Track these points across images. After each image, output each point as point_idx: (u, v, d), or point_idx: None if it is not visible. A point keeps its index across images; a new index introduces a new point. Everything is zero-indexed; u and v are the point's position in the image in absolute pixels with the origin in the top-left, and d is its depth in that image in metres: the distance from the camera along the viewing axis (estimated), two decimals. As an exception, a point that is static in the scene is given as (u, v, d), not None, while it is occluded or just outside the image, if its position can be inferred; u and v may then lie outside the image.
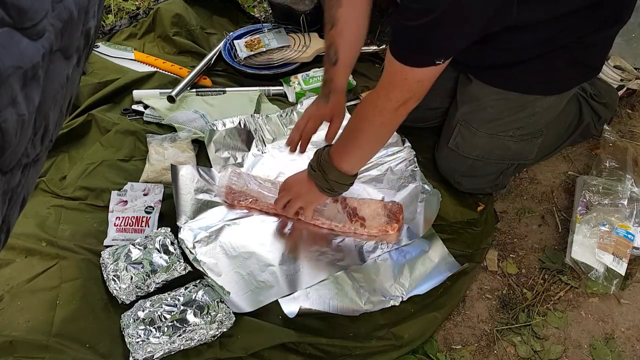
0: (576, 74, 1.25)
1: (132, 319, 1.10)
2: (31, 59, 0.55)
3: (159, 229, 1.26)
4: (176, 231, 1.26)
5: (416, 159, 1.46)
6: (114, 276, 1.16)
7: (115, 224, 1.30)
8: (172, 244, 1.23)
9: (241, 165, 1.46)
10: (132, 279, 1.16)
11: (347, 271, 1.24)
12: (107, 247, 1.24)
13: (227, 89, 1.69)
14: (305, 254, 1.27)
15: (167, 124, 1.56)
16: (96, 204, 1.35)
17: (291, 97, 1.69)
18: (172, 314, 1.10)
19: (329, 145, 1.22)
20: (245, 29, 1.89)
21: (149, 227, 1.30)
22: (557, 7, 1.08)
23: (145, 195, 1.36)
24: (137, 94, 1.63)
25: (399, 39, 1.02)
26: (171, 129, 1.55)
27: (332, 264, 1.25)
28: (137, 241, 1.23)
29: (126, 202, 1.34)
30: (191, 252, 1.23)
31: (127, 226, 1.30)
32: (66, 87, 0.65)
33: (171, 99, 1.59)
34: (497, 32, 1.05)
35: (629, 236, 1.30)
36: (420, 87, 1.05)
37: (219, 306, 1.13)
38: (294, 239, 1.31)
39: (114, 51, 1.81)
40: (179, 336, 1.08)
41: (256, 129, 1.54)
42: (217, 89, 1.68)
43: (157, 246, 1.21)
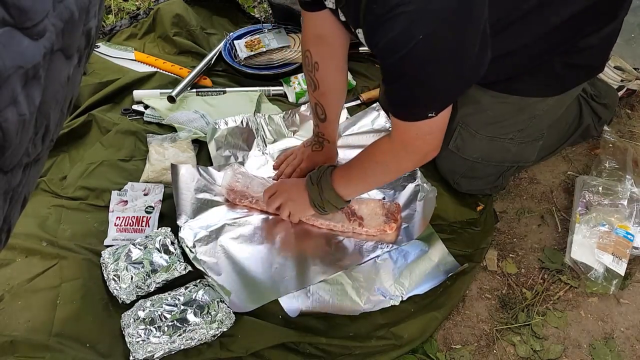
0: (576, 75, 1.25)
1: (132, 319, 1.10)
2: (32, 59, 0.55)
3: (159, 229, 1.27)
4: (176, 231, 1.27)
5: (416, 159, 1.46)
6: (115, 276, 1.16)
7: (115, 223, 1.30)
8: (172, 243, 1.23)
9: (242, 164, 1.46)
10: (132, 278, 1.16)
11: (347, 271, 1.24)
12: (108, 247, 1.24)
13: (227, 89, 1.69)
14: (305, 254, 1.27)
15: (168, 124, 1.56)
16: (96, 203, 1.35)
17: (291, 97, 1.70)
18: (173, 313, 1.11)
19: (333, 165, 1.25)
20: (245, 29, 1.89)
21: (149, 227, 1.30)
22: (540, 27, 1.10)
23: (145, 195, 1.36)
24: (137, 94, 1.63)
25: (389, 99, 1.06)
26: (171, 129, 1.55)
27: (332, 264, 1.25)
28: (137, 241, 1.23)
29: (126, 202, 1.34)
30: (191, 252, 1.23)
31: (127, 226, 1.30)
32: (67, 87, 0.65)
33: (171, 99, 1.59)
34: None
35: (629, 236, 1.30)
36: (434, 139, 1.08)
37: (219, 306, 1.13)
38: (294, 238, 1.31)
39: (114, 51, 1.82)
40: (179, 336, 1.08)
41: (257, 129, 1.55)
42: (217, 89, 1.69)
43: (157, 246, 1.21)
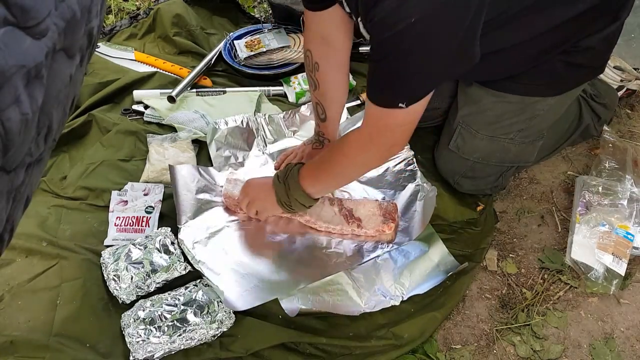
0: (577, 75, 1.25)
1: (132, 319, 1.10)
2: (34, 58, 0.55)
3: (159, 229, 1.27)
4: (176, 231, 1.27)
5: (415, 159, 1.46)
6: (115, 276, 1.16)
7: (115, 223, 1.30)
8: (172, 243, 1.23)
9: (242, 164, 1.46)
10: (132, 278, 1.16)
11: (347, 271, 1.24)
12: (108, 247, 1.24)
13: (227, 89, 1.69)
14: (305, 254, 1.27)
15: (168, 124, 1.56)
16: (97, 203, 1.35)
17: (291, 97, 1.70)
18: (173, 313, 1.10)
19: (301, 163, 1.24)
20: (245, 29, 1.89)
21: (149, 227, 1.30)
22: (541, 25, 1.09)
23: (145, 195, 1.36)
24: (137, 94, 1.63)
25: (369, 80, 1.04)
26: (171, 129, 1.55)
27: (332, 264, 1.25)
28: (137, 241, 1.23)
29: (126, 202, 1.34)
30: (190, 252, 1.23)
31: (127, 226, 1.30)
32: (69, 87, 0.65)
33: (171, 99, 1.59)
34: (483, 55, 1.02)
35: (629, 236, 1.30)
36: (402, 132, 1.06)
37: (219, 306, 1.13)
38: (294, 239, 1.31)
39: (114, 51, 1.82)
40: (179, 336, 1.08)
41: (258, 129, 1.55)
42: (217, 89, 1.69)
43: (157, 246, 1.21)
